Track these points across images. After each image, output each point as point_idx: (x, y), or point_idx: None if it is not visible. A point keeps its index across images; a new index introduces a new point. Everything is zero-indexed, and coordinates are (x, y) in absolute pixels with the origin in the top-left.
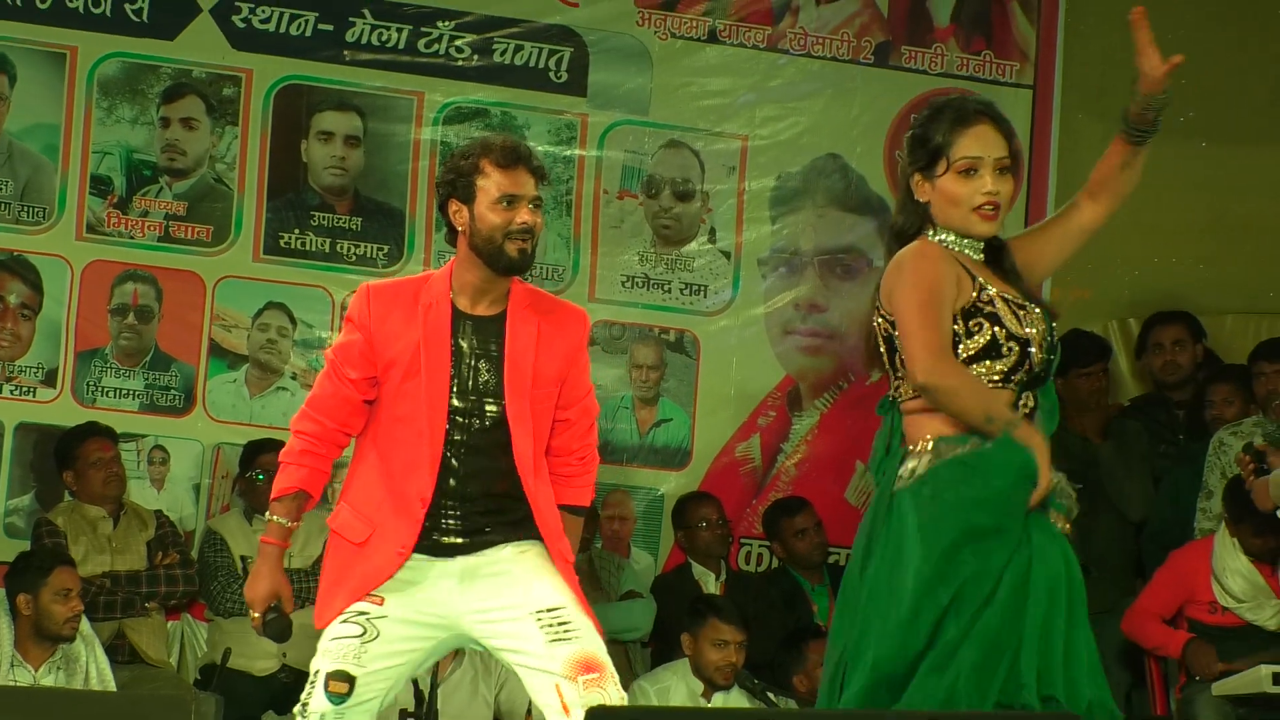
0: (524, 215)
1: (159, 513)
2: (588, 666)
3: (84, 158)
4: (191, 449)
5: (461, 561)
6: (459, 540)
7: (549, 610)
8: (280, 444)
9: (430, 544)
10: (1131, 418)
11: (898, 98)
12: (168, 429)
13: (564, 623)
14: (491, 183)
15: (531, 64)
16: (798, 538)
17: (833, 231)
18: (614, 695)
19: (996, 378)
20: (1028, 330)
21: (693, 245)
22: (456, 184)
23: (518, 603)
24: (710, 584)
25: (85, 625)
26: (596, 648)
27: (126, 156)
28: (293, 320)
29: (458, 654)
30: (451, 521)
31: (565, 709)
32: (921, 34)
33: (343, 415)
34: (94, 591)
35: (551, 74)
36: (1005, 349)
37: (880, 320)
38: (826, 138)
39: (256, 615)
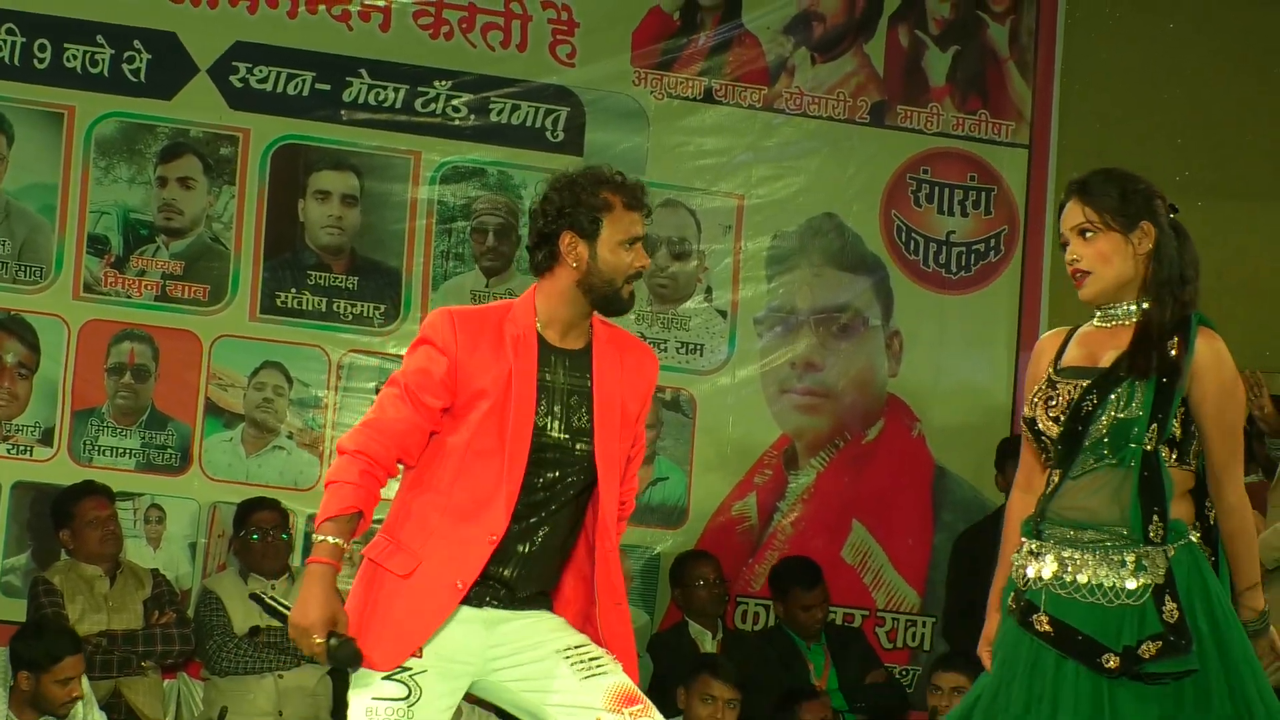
0: (644, 259)
1: (155, 571)
2: (630, 699)
3: (81, 217)
4: (188, 508)
5: (490, 611)
6: (507, 597)
7: (576, 648)
8: (274, 503)
9: (477, 594)
10: None
11: (894, 157)
12: (164, 488)
13: (594, 658)
14: (621, 224)
15: (528, 123)
16: (806, 611)
17: (829, 290)
18: None
19: (1041, 456)
20: (1035, 410)
21: (689, 304)
22: (579, 217)
23: (542, 642)
24: (707, 643)
25: (86, 686)
26: (629, 681)
27: (123, 216)
28: (289, 379)
29: None
30: (509, 572)
31: None
32: (917, 93)
33: (409, 444)
34: (90, 651)
35: (548, 133)
36: (1025, 432)
37: None
38: (822, 197)
39: (319, 641)
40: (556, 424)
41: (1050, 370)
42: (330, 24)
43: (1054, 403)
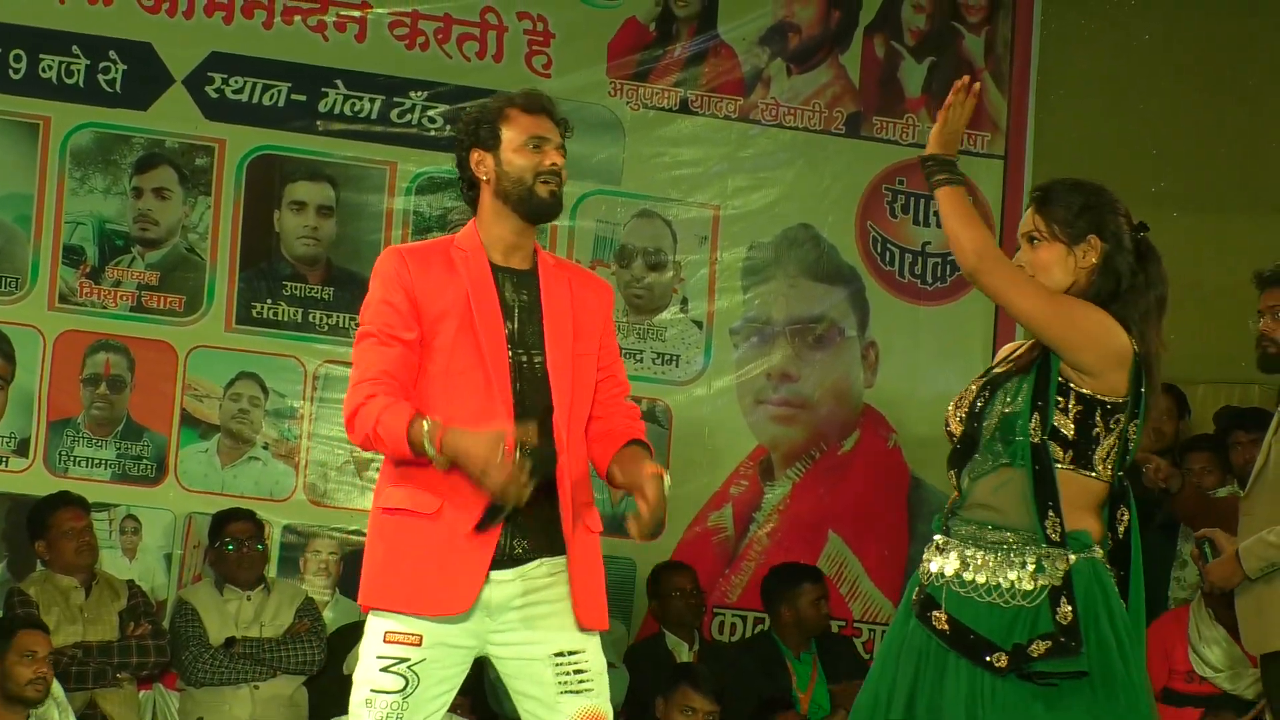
0: (553, 157)
1: (131, 583)
2: None
3: (56, 228)
4: (163, 519)
5: (498, 589)
6: (510, 531)
7: (570, 654)
8: (249, 513)
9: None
10: None
11: (869, 168)
12: (139, 499)
13: (579, 671)
14: (518, 126)
15: None
16: (815, 606)
17: (804, 301)
18: None
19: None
20: (949, 409)
21: (665, 315)
22: (479, 131)
23: (540, 639)
24: (684, 654)
25: (60, 692)
26: (604, 706)
27: (99, 226)
28: (265, 390)
29: None
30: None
31: None
32: (893, 104)
33: (406, 378)
34: (65, 662)
35: None
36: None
37: None
38: (798, 208)
39: (514, 448)
40: (516, 340)
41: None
42: (306, 34)
43: (960, 401)
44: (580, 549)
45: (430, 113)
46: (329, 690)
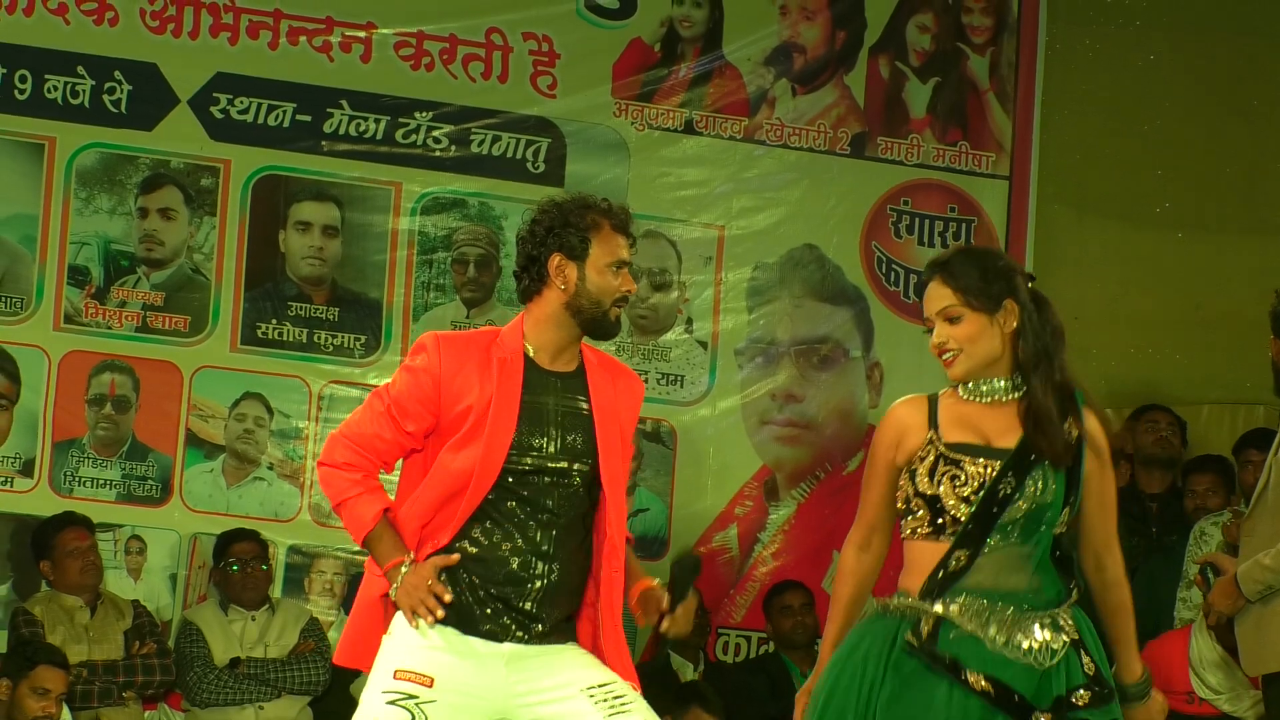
0: (630, 283)
1: (136, 602)
2: None
3: (62, 248)
4: (168, 539)
5: (511, 647)
6: (521, 632)
7: (601, 685)
8: (253, 534)
9: (501, 628)
10: None
11: (874, 188)
12: (144, 519)
13: (619, 696)
14: (609, 245)
15: (509, 154)
16: (783, 614)
17: (809, 322)
18: None
19: (925, 531)
20: (939, 488)
21: (669, 335)
22: (567, 238)
23: (567, 681)
24: (688, 674)
25: (66, 713)
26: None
27: (104, 247)
28: (270, 410)
29: None
30: (530, 605)
31: None
32: (898, 125)
33: (389, 457)
34: (71, 681)
35: (529, 164)
36: (914, 505)
37: None
38: (803, 228)
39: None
40: (552, 447)
41: (939, 445)
42: (311, 55)
43: (961, 482)
44: (615, 649)
45: (435, 133)
46: (334, 711)
